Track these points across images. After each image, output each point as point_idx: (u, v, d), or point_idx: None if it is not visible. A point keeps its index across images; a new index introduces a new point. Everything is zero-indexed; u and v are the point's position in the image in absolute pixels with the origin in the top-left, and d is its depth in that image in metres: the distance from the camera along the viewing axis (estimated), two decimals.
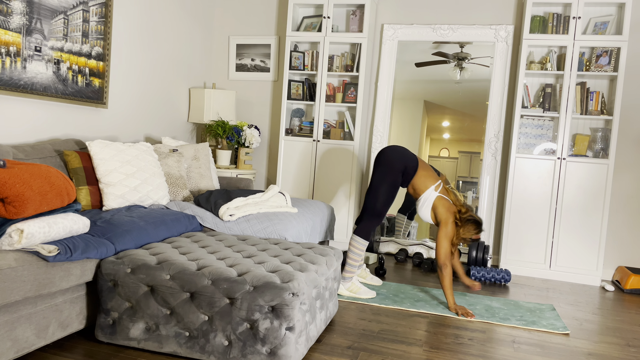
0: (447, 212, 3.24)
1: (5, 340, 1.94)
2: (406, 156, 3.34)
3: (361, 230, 3.34)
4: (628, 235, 4.26)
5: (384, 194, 3.29)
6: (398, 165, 3.29)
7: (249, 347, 2.11)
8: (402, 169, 3.30)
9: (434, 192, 3.29)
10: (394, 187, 3.30)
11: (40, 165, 2.24)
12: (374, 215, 3.32)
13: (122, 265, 2.28)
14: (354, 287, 3.30)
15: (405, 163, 3.31)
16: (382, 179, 3.30)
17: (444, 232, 3.20)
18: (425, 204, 3.31)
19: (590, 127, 4.26)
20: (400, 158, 3.31)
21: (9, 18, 2.86)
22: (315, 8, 4.85)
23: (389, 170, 3.29)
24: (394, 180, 3.29)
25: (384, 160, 3.32)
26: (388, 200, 3.30)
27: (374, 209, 3.31)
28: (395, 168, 3.29)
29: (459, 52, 4.57)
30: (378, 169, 3.33)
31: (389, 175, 3.29)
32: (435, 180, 3.33)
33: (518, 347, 2.64)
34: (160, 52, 4.33)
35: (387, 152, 3.35)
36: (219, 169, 4.58)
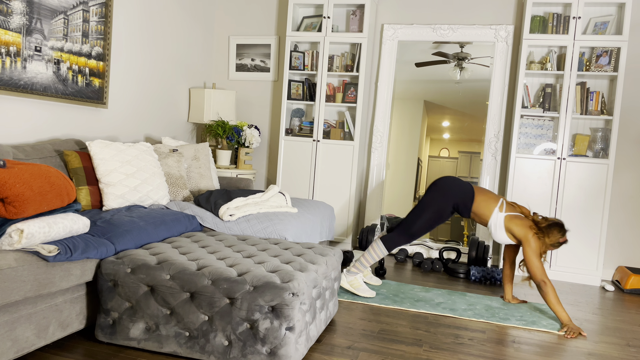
0: (523, 228, 3.11)
1: (5, 340, 1.94)
2: (461, 188, 3.24)
3: (388, 240, 3.28)
4: (628, 235, 4.26)
5: (425, 219, 3.22)
6: (452, 200, 3.20)
7: (249, 347, 2.11)
8: (455, 204, 3.22)
9: (501, 214, 3.18)
10: (438, 218, 3.22)
11: (40, 165, 2.24)
12: (407, 234, 3.25)
13: (122, 265, 2.28)
14: (356, 283, 3.28)
15: (460, 198, 3.21)
16: (431, 205, 3.21)
17: (529, 249, 3.06)
18: (498, 228, 3.19)
19: (590, 127, 4.26)
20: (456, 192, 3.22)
21: (9, 18, 2.86)
22: (315, 8, 4.85)
23: (440, 201, 3.21)
24: (441, 211, 3.20)
25: (440, 190, 3.23)
26: (427, 227, 3.23)
27: (410, 227, 3.24)
28: (447, 201, 3.20)
29: (459, 52, 4.57)
30: (431, 195, 3.24)
31: (439, 206, 3.20)
32: (497, 201, 3.22)
33: (518, 347, 2.64)
34: (160, 52, 4.33)
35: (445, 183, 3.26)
36: (219, 169, 4.58)
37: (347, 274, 3.31)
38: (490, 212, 3.20)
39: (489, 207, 3.21)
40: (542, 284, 3.00)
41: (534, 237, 3.09)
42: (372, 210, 4.76)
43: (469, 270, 4.04)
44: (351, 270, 3.30)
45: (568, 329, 2.87)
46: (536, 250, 3.07)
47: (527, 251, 3.08)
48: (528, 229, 3.11)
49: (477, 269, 3.92)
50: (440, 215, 3.22)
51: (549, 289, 2.99)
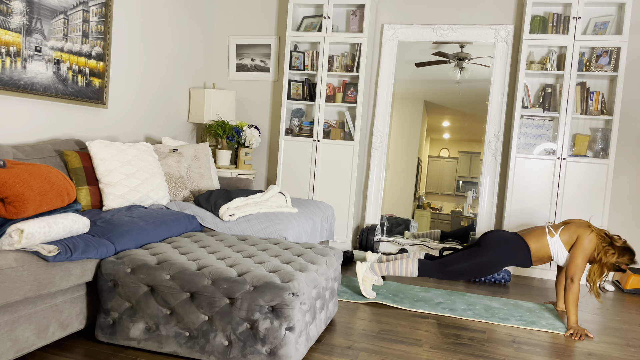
0: (578, 229, 3.05)
1: (5, 340, 1.94)
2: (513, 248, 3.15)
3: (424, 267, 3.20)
4: (628, 236, 4.26)
5: (468, 269, 3.17)
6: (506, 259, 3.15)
7: (249, 347, 2.11)
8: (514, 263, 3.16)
9: (553, 238, 3.11)
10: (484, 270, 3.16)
11: (40, 165, 2.24)
12: (445, 271, 3.19)
13: (122, 265, 2.28)
14: (368, 281, 3.26)
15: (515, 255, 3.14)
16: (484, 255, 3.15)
17: (581, 247, 2.99)
18: (560, 253, 3.11)
19: (590, 127, 4.26)
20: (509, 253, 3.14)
21: (9, 18, 2.86)
22: (315, 8, 4.85)
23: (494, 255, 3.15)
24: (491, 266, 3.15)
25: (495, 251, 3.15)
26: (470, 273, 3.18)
27: (450, 267, 3.19)
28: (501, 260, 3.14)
29: (459, 52, 4.57)
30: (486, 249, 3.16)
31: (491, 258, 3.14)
32: (543, 231, 3.15)
33: (518, 347, 2.64)
34: (160, 52, 4.33)
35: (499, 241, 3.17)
36: (219, 169, 4.58)
37: (370, 269, 3.26)
38: (547, 246, 3.12)
39: (544, 243, 3.13)
40: (570, 282, 2.95)
41: (591, 237, 3.01)
42: (372, 210, 4.76)
43: None
44: (374, 269, 3.26)
45: (574, 331, 2.86)
46: (587, 251, 3.00)
47: (577, 249, 3.01)
48: (585, 229, 3.05)
49: None
50: (488, 269, 3.15)
51: (575, 289, 2.93)
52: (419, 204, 4.74)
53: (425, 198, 4.73)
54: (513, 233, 3.24)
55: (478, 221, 4.47)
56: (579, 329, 2.88)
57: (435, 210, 4.70)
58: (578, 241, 3.04)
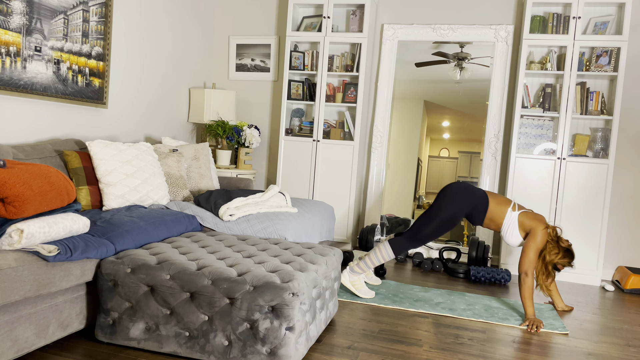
0: (535, 219, 3.12)
1: (5, 340, 1.94)
2: (474, 195, 3.22)
3: (396, 244, 3.26)
4: (628, 235, 4.26)
5: (434, 227, 3.20)
6: (464, 207, 3.19)
7: (249, 347, 2.11)
8: (468, 213, 3.21)
9: (514, 212, 3.17)
10: (447, 224, 3.20)
11: (40, 165, 2.24)
12: (415, 239, 3.24)
13: (122, 265, 2.28)
14: (357, 284, 3.28)
15: (474, 205, 3.20)
16: (441, 213, 3.19)
17: (533, 241, 3.06)
18: (510, 229, 3.18)
19: (590, 127, 4.26)
20: (469, 199, 3.20)
21: (9, 18, 2.86)
22: (315, 8, 4.85)
23: (451, 208, 3.19)
24: (451, 218, 3.18)
25: (451, 196, 3.21)
26: (435, 233, 3.21)
27: (418, 233, 3.23)
28: (459, 209, 3.19)
29: (459, 52, 4.57)
30: (442, 201, 3.22)
31: (449, 213, 3.18)
32: (509, 203, 3.21)
33: (518, 347, 2.64)
34: (160, 52, 4.33)
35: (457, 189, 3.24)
36: (219, 169, 4.58)
37: (350, 272, 3.29)
38: (504, 214, 3.19)
39: (502, 211, 3.20)
40: (524, 276, 3.04)
41: (544, 232, 3.08)
42: (372, 210, 4.76)
43: (469, 270, 4.04)
44: (354, 270, 3.28)
45: (530, 323, 2.93)
46: (539, 245, 3.08)
47: (530, 242, 3.08)
48: (540, 222, 3.12)
49: (477, 269, 3.92)
50: (451, 223, 3.20)
51: (529, 282, 3.03)
52: (419, 204, 4.74)
53: (425, 198, 4.73)
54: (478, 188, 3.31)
55: None
56: (535, 320, 2.95)
57: None
58: (532, 234, 3.11)
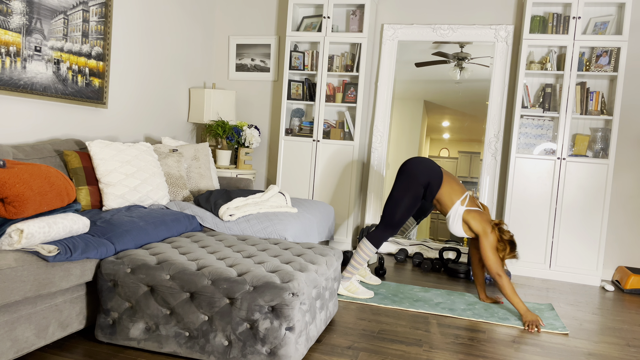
0: (482, 223, 3.15)
1: (5, 340, 1.94)
2: (431, 170, 3.24)
3: (373, 237, 3.29)
4: (628, 235, 4.26)
5: (404, 207, 3.22)
6: (422, 179, 3.21)
7: (249, 347, 2.11)
8: (426, 183, 3.21)
9: (461, 207, 3.20)
10: (415, 200, 3.22)
11: (40, 165, 2.24)
12: (390, 226, 3.26)
13: (122, 265, 2.28)
14: (352, 287, 3.29)
15: (430, 178, 3.22)
16: (405, 191, 3.21)
17: (486, 243, 3.10)
18: (455, 220, 3.21)
19: (590, 127, 4.26)
20: (425, 171, 3.22)
21: (9, 18, 2.86)
22: (315, 8, 4.85)
23: (412, 183, 3.21)
24: (416, 193, 3.21)
25: (408, 172, 3.23)
26: (407, 213, 3.23)
27: (392, 219, 3.25)
28: (418, 181, 3.20)
29: (459, 52, 4.57)
30: (401, 180, 3.24)
31: (412, 188, 3.21)
32: (461, 194, 3.23)
33: (518, 347, 2.64)
34: (160, 52, 4.33)
35: (412, 163, 3.26)
36: (219, 169, 4.58)
37: (343, 280, 3.31)
38: (452, 203, 3.23)
39: (452, 199, 3.23)
40: (497, 277, 3.06)
41: (493, 232, 3.13)
42: (372, 211, 4.76)
43: (469, 270, 4.04)
44: (345, 276, 3.30)
45: (528, 323, 2.93)
46: (493, 244, 3.12)
47: (484, 244, 3.12)
48: (487, 224, 3.16)
49: None
50: (417, 199, 3.23)
51: (505, 282, 3.04)
52: None
53: None
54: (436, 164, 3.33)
55: None
56: (532, 318, 2.95)
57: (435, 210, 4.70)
58: (483, 236, 3.13)
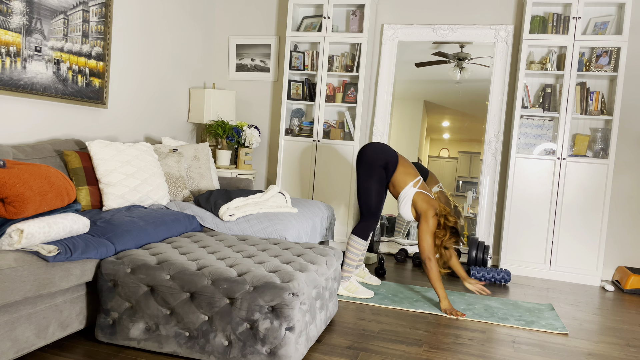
0: (427, 205, 3.22)
1: (5, 340, 1.94)
2: (387, 152, 3.33)
3: (359, 230, 3.33)
4: (628, 235, 4.26)
5: (374, 192, 3.29)
6: (380, 162, 3.29)
7: (249, 347, 2.11)
8: (384, 164, 3.30)
9: (413, 188, 3.28)
10: (381, 183, 3.30)
11: (40, 165, 2.24)
12: (370, 215, 3.32)
13: (122, 265, 2.28)
14: (352, 287, 3.30)
15: (387, 159, 3.31)
16: (369, 178, 3.29)
17: (426, 226, 3.17)
18: (405, 201, 3.30)
19: (590, 127, 4.26)
20: (381, 154, 3.31)
21: (9, 18, 2.86)
22: (315, 8, 4.85)
23: (372, 168, 3.29)
24: (379, 176, 3.29)
25: (366, 159, 3.31)
26: (379, 197, 3.30)
27: (369, 208, 3.31)
28: (377, 164, 3.29)
29: (459, 52, 4.57)
30: (362, 169, 3.32)
31: (374, 173, 3.29)
32: (415, 177, 3.32)
33: (518, 347, 2.64)
34: (160, 52, 4.33)
35: (368, 149, 3.34)
36: (219, 169, 4.58)
37: (342, 280, 3.32)
38: (405, 185, 3.30)
39: (405, 180, 3.31)
40: (428, 260, 3.13)
41: (433, 218, 3.19)
42: None
43: (469, 270, 4.04)
44: (344, 276, 3.32)
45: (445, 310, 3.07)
46: (432, 229, 3.17)
47: (423, 227, 3.18)
48: (431, 208, 3.21)
49: (477, 269, 3.92)
50: (382, 181, 3.30)
51: (433, 267, 3.13)
52: None
53: None
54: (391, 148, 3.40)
55: (478, 221, 4.47)
56: (449, 307, 3.08)
57: None
58: (423, 218, 3.20)
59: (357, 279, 3.58)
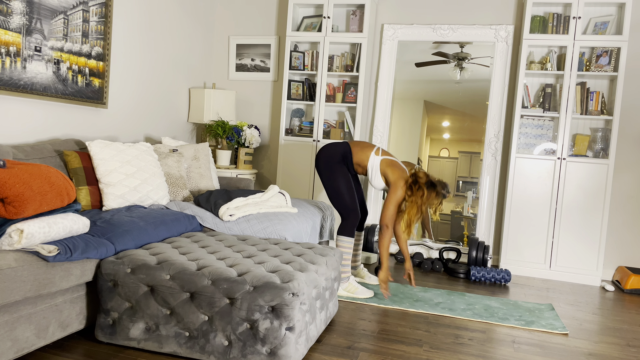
0: (397, 175, 3.22)
1: (5, 340, 1.94)
2: (337, 146, 3.38)
3: (344, 229, 3.35)
4: (628, 235, 4.26)
5: (344, 189, 3.31)
6: (336, 157, 3.33)
7: (249, 347, 2.11)
8: (340, 157, 3.33)
9: (376, 157, 3.30)
10: (347, 179, 3.33)
11: (40, 165, 2.24)
12: (350, 214, 3.33)
13: (122, 265, 2.28)
14: (351, 287, 3.30)
15: (340, 151, 3.34)
16: (333, 178, 3.32)
17: (393, 196, 3.19)
18: (373, 172, 3.31)
19: (590, 127, 4.26)
20: (333, 150, 3.35)
21: (9, 18, 2.86)
22: (315, 8, 4.85)
23: (332, 166, 3.32)
24: (342, 172, 3.32)
25: (323, 162, 3.36)
26: (350, 192, 3.32)
27: (346, 208, 3.33)
28: (335, 161, 3.32)
29: (459, 52, 4.57)
30: (323, 173, 3.37)
31: (335, 170, 3.32)
32: (372, 148, 3.35)
33: (518, 347, 2.64)
34: (160, 52, 4.33)
35: (321, 154, 3.39)
36: (219, 169, 4.58)
37: (341, 281, 3.32)
38: (367, 157, 3.32)
39: (366, 153, 3.33)
40: (385, 228, 3.21)
41: (403, 189, 3.20)
42: (372, 210, 4.76)
43: (469, 270, 4.04)
44: (342, 277, 3.32)
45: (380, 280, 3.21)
46: (398, 199, 3.20)
47: (390, 196, 3.21)
48: (401, 179, 3.21)
49: (477, 269, 3.92)
50: (346, 176, 3.33)
51: (387, 235, 3.21)
52: None
53: None
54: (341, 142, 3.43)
55: (478, 221, 4.47)
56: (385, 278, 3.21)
57: None
58: (392, 188, 3.23)
59: (357, 279, 3.58)
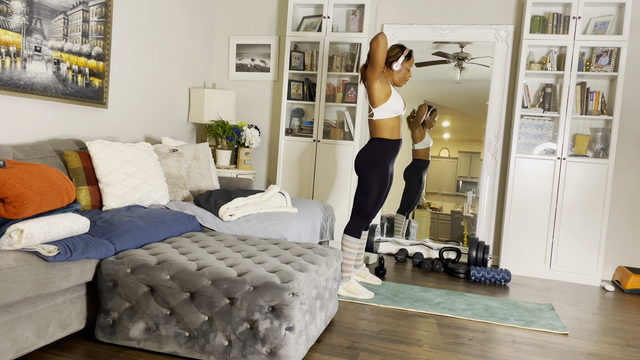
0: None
1: (5, 340, 1.94)
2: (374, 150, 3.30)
3: (352, 229, 3.31)
4: (628, 235, 4.26)
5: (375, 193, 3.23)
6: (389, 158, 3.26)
7: (249, 347, 2.11)
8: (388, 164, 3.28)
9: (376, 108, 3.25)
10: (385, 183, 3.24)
11: (40, 165, 2.24)
12: (363, 216, 3.27)
13: (122, 265, 2.28)
14: (352, 287, 3.30)
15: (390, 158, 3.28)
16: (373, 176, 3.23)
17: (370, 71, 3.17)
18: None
19: (590, 127, 4.26)
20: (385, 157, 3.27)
21: (9, 18, 2.86)
22: (315, 8, 4.85)
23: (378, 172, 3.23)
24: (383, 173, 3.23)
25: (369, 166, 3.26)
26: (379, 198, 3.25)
27: (364, 209, 3.25)
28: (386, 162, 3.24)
29: (459, 52, 4.57)
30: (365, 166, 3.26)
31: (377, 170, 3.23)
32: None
33: (518, 347, 2.64)
34: (161, 52, 4.33)
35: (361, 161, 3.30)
36: (219, 169, 4.58)
37: (342, 281, 3.31)
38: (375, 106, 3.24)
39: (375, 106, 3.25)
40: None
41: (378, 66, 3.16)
42: None
43: (469, 270, 4.04)
44: (343, 277, 3.31)
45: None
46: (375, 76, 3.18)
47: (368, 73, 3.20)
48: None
49: (477, 269, 3.92)
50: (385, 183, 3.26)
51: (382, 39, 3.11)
52: (419, 204, 4.74)
53: (425, 198, 4.73)
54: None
55: (478, 221, 4.47)
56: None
57: (435, 211, 4.70)
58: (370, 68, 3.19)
59: (358, 279, 3.58)
